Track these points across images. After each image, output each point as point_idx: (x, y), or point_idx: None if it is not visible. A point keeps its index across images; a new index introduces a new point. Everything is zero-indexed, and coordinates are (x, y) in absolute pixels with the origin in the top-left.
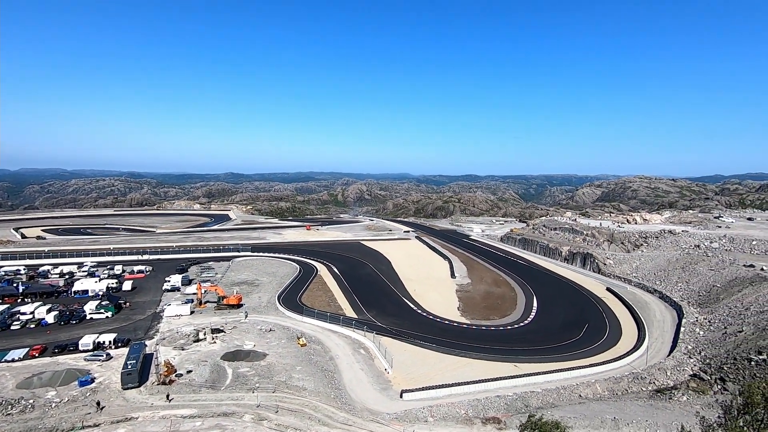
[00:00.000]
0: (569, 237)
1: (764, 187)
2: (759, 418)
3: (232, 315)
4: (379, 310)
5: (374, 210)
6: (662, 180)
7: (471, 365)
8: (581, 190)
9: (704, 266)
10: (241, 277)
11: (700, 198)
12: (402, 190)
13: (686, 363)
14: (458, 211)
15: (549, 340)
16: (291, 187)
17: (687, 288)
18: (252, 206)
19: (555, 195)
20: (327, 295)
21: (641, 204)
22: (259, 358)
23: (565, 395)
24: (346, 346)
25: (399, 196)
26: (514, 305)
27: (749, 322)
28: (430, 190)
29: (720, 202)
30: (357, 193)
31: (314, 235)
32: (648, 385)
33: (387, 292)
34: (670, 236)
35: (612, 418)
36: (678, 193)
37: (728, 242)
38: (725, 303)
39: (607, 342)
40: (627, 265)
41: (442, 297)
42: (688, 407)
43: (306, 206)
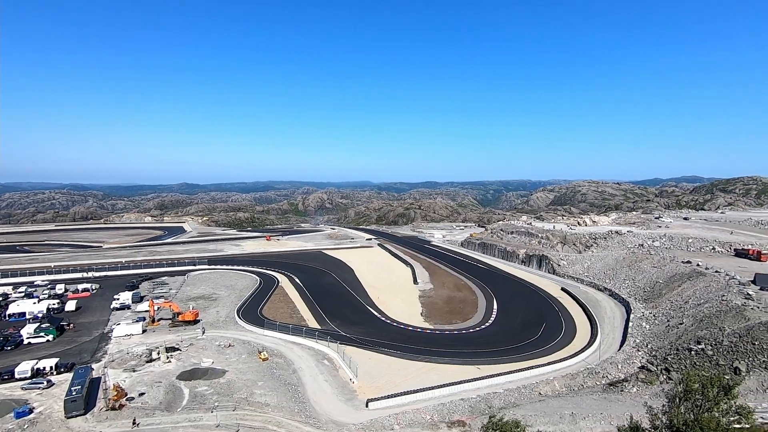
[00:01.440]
0: (525, 240)
1: (697, 189)
2: (698, 404)
3: (189, 332)
4: (342, 319)
5: (336, 218)
6: (608, 184)
7: (435, 370)
8: (535, 195)
9: (648, 264)
10: (197, 292)
11: (642, 200)
12: (363, 198)
13: (635, 356)
14: (419, 217)
15: (509, 341)
16: (249, 197)
17: (633, 285)
18: (208, 217)
19: (511, 200)
20: (289, 307)
21: (590, 207)
22: (218, 375)
23: (526, 394)
24: (310, 358)
25: (360, 204)
26: (475, 308)
27: (689, 315)
28: (392, 197)
29: (660, 204)
30: (318, 202)
31: (275, 246)
32: (601, 379)
33: (350, 300)
34: (617, 236)
35: (570, 413)
36: (623, 196)
37: (668, 241)
38: (667, 298)
39: (564, 340)
40: (579, 266)
41: (406, 303)
42: (637, 398)
43: (266, 216)
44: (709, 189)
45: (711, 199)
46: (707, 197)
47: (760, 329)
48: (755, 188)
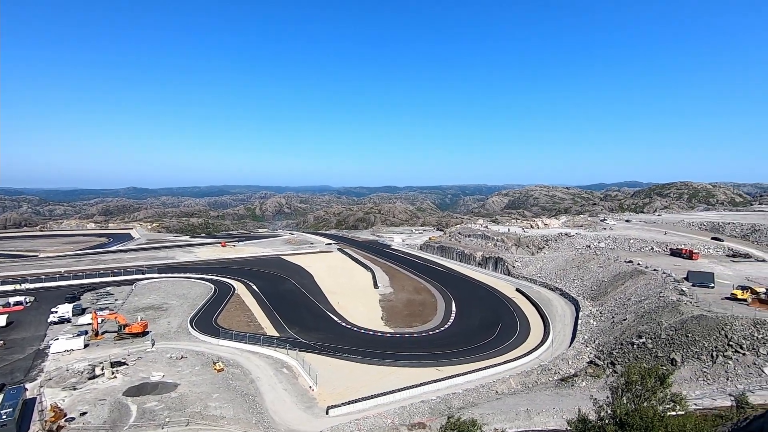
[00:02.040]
0: (482, 243)
1: (637, 193)
2: (638, 394)
3: (137, 345)
4: (302, 326)
5: (294, 223)
6: (558, 188)
7: (396, 373)
8: (491, 199)
9: (594, 264)
10: (146, 302)
11: (588, 204)
12: (323, 203)
13: (584, 351)
14: (379, 221)
15: (468, 341)
16: (203, 202)
17: (582, 284)
18: (159, 223)
19: (468, 204)
20: (246, 315)
21: (542, 210)
22: (169, 389)
23: (484, 393)
24: (268, 367)
25: (320, 209)
26: (435, 311)
27: (631, 311)
28: (351, 201)
29: (604, 207)
30: (276, 207)
31: (230, 252)
32: (554, 375)
33: (310, 306)
34: (567, 238)
35: (525, 409)
36: (571, 199)
37: (612, 242)
38: (612, 295)
39: (519, 339)
40: (532, 267)
41: (366, 308)
42: (586, 391)
43: (221, 222)
44: (647, 193)
45: (649, 203)
46: (646, 201)
47: (693, 322)
48: (687, 192)
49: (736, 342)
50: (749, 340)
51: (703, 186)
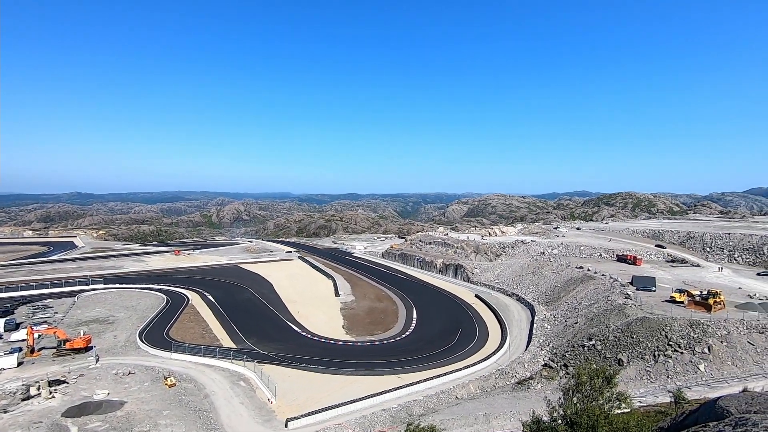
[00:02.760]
0: (442, 250)
1: (587, 202)
2: (587, 394)
3: (79, 361)
4: (260, 336)
5: (254, 231)
6: (514, 197)
7: (358, 382)
8: (451, 207)
9: (548, 270)
10: (90, 315)
11: (542, 212)
12: (283, 210)
13: (539, 355)
14: (341, 229)
15: (428, 348)
16: (156, 208)
17: (537, 289)
18: (106, 231)
19: (429, 212)
20: (201, 326)
21: (499, 218)
22: (114, 408)
23: (444, 399)
24: (224, 380)
25: (280, 216)
26: (396, 318)
27: (582, 314)
28: (313, 209)
29: (557, 216)
30: (234, 214)
31: (185, 261)
32: (511, 378)
33: (269, 316)
34: (522, 245)
35: (483, 413)
36: (527, 208)
37: (564, 249)
38: (564, 300)
39: (478, 344)
40: (490, 273)
41: (327, 316)
42: (541, 393)
43: (174, 229)
44: (596, 203)
45: (598, 211)
46: (595, 210)
47: (637, 324)
48: (631, 202)
49: (675, 342)
50: (686, 339)
51: (645, 196)
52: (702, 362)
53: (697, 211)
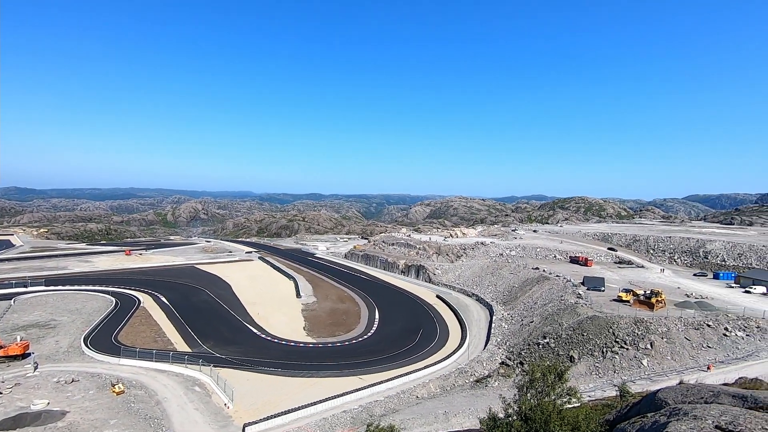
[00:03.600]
0: (405, 251)
1: (543, 206)
2: (540, 390)
3: (14, 369)
4: (217, 339)
5: (212, 230)
6: (475, 200)
7: (319, 384)
8: (414, 209)
9: (506, 271)
10: (29, 319)
11: (501, 215)
12: (244, 209)
13: (497, 353)
14: (303, 229)
15: (390, 348)
16: (105, 206)
17: (495, 290)
18: (48, 229)
19: (392, 213)
20: (153, 330)
21: (461, 220)
22: (54, 418)
23: (405, 399)
24: (177, 386)
25: (240, 216)
26: (358, 319)
27: (537, 314)
28: (275, 208)
29: (515, 218)
30: (191, 213)
31: (136, 261)
32: (470, 377)
33: (226, 318)
34: (482, 247)
35: (443, 412)
36: (487, 210)
37: (522, 250)
38: (521, 300)
39: (438, 344)
40: (452, 274)
41: (288, 318)
42: (498, 391)
43: (125, 228)
44: (551, 206)
45: (553, 215)
46: (550, 213)
47: (587, 323)
48: (583, 206)
49: (621, 338)
50: (631, 336)
51: (596, 201)
52: (645, 357)
53: (642, 215)
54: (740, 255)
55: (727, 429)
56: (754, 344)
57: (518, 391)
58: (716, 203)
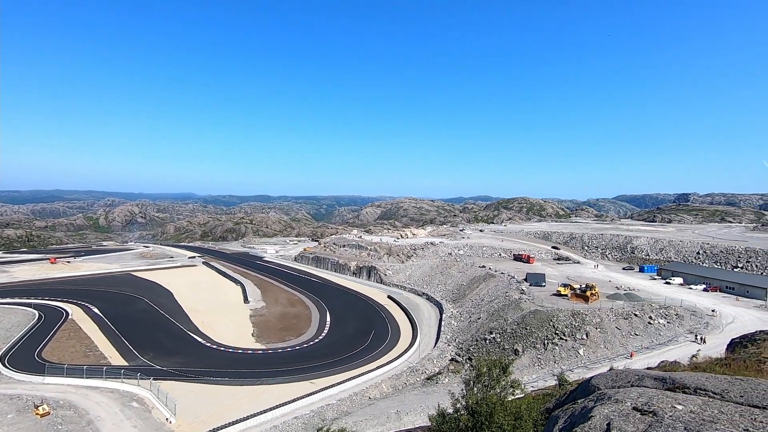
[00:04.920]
0: (356, 252)
1: (489, 206)
2: (486, 384)
3: None
4: (157, 350)
5: (151, 235)
6: (425, 201)
7: (268, 392)
8: (365, 210)
9: (455, 270)
10: None
11: (450, 215)
12: (186, 212)
13: (447, 350)
14: (251, 232)
15: (342, 351)
16: (26, 209)
17: (445, 288)
18: None
19: (343, 214)
20: (83, 344)
21: (411, 221)
22: None
23: (357, 400)
24: (113, 403)
25: (182, 219)
26: (309, 323)
27: (484, 310)
28: (220, 211)
29: (463, 218)
30: (127, 216)
31: (64, 270)
32: (421, 375)
33: (167, 328)
34: (432, 247)
35: (395, 411)
36: (436, 211)
37: (469, 249)
38: (469, 297)
39: (390, 344)
40: (402, 274)
41: (235, 324)
42: (448, 387)
43: (50, 234)
44: (496, 206)
45: (498, 215)
46: (495, 213)
47: (530, 317)
48: (526, 206)
49: (561, 330)
50: (569, 328)
51: (537, 201)
52: (581, 347)
53: (577, 214)
54: (661, 250)
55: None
56: (674, 330)
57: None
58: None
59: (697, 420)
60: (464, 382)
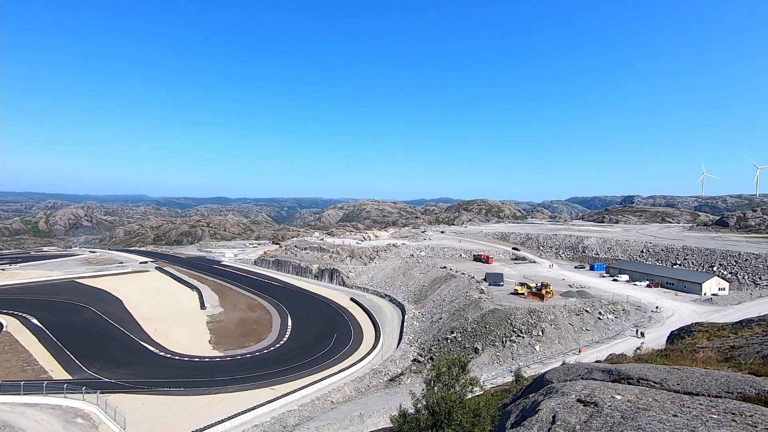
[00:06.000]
0: (318, 255)
1: (449, 208)
2: (445, 383)
3: None
4: (105, 362)
5: (98, 239)
6: (387, 203)
7: (227, 400)
8: (327, 212)
9: (417, 271)
10: None
11: (412, 217)
12: (137, 215)
13: (409, 351)
14: (208, 235)
15: (304, 355)
16: None
17: (407, 289)
18: None
19: (305, 217)
20: (20, 358)
21: (373, 223)
22: None
23: (320, 405)
24: (55, 420)
25: (133, 222)
26: (270, 328)
27: (445, 310)
28: (174, 213)
29: (425, 220)
30: (71, 220)
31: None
32: (384, 377)
33: (116, 337)
34: (394, 249)
35: (358, 414)
36: (398, 213)
37: (431, 251)
38: (431, 298)
39: (353, 346)
40: (365, 276)
41: (191, 332)
42: (410, 387)
43: None
44: (457, 208)
45: (458, 216)
46: (456, 215)
47: (489, 315)
48: (485, 208)
49: (518, 328)
50: (526, 325)
51: (495, 203)
52: (537, 343)
53: (533, 216)
54: (609, 249)
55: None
56: (621, 324)
57: (426, 386)
58: (591, 204)
59: (632, 408)
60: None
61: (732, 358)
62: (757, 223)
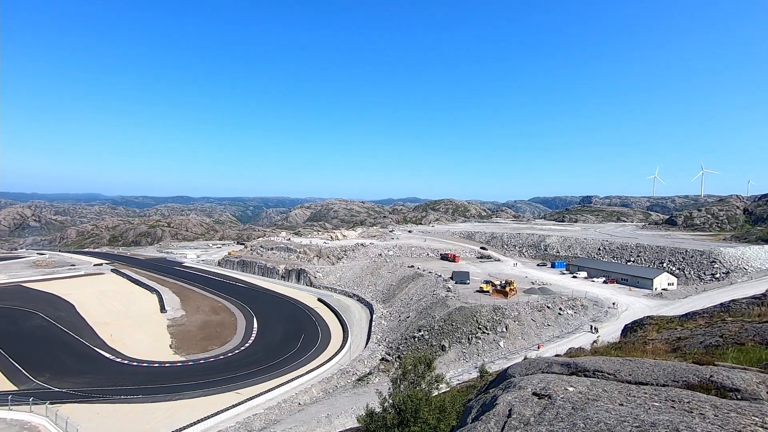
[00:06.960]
0: (285, 255)
1: (417, 207)
2: (412, 381)
3: None
4: (56, 370)
5: (47, 241)
6: (355, 202)
7: (190, 406)
8: (294, 212)
9: (385, 270)
10: None
11: (380, 216)
12: (91, 214)
13: (377, 350)
14: (169, 236)
15: (270, 358)
16: None
17: (375, 289)
18: None
19: (271, 216)
20: None
21: (341, 222)
22: None
23: (286, 408)
24: None
25: (87, 222)
26: (234, 330)
27: (413, 309)
28: (132, 213)
29: (392, 220)
30: (16, 220)
31: None
32: (352, 376)
33: (68, 344)
34: (362, 248)
35: (326, 415)
36: (366, 213)
37: (399, 250)
38: (399, 297)
39: (321, 347)
40: (333, 276)
41: (150, 336)
42: (378, 387)
43: None
44: (424, 208)
45: (426, 216)
46: (423, 214)
47: (456, 313)
48: (451, 207)
49: (483, 325)
50: (491, 322)
51: (461, 203)
52: (502, 339)
53: (498, 215)
54: (569, 247)
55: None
56: (579, 319)
57: (392, 384)
58: (552, 204)
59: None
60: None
61: (678, 348)
62: (702, 221)
